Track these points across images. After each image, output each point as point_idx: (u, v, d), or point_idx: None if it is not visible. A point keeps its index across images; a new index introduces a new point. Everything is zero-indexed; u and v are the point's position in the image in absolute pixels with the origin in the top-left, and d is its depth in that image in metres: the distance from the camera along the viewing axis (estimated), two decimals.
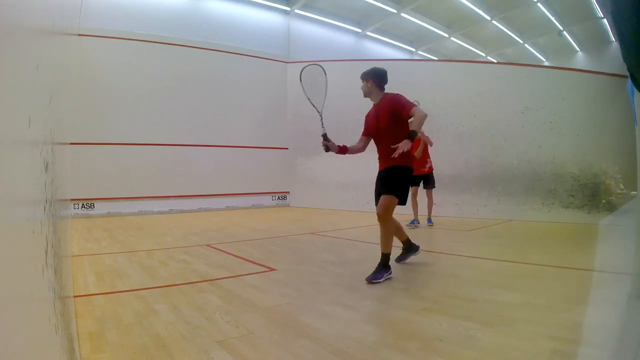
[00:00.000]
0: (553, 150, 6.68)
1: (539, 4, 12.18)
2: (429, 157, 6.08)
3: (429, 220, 6.12)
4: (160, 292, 2.62)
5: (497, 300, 2.35)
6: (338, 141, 3.08)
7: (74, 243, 4.54)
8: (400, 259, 3.47)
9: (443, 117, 7.95)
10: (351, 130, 10.00)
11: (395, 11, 12.45)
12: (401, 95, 2.98)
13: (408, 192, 3.01)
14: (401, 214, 4.00)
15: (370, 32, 13.86)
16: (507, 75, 7.51)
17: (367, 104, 3.23)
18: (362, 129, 3.25)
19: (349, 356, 1.64)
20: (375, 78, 3.06)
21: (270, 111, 10.83)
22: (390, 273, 2.93)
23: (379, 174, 3.11)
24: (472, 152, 7.61)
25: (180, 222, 7.22)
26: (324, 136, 3.03)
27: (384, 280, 2.83)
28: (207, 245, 4.51)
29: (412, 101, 3.00)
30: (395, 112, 2.91)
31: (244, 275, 3.12)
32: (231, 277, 3.04)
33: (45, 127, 0.81)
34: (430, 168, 6.06)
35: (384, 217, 2.90)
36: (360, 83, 3.14)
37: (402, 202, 2.95)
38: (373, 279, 2.81)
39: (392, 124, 2.94)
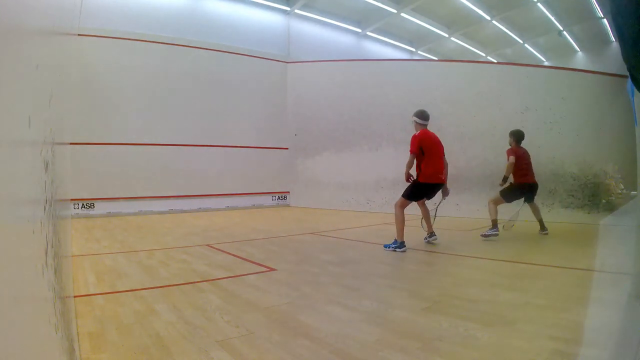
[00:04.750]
0: (553, 150, 6.68)
1: (539, 4, 12.18)
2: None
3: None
4: (160, 292, 2.62)
5: (497, 300, 2.35)
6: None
7: (74, 243, 4.54)
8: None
9: (443, 117, 7.93)
10: (351, 130, 10.09)
11: (395, 11, 12.45)
12: None
13: None
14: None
15: (370, 32, 13.85)
16: (507, 75, 7.52)
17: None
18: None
19: (349, 356, 1.64)
20: None
21: (270, 111, 10.82)
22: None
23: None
24: (472, 152, 7.61)
25: (180, 222, 7.22)
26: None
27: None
28: (207, 245, 4.51)
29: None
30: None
31: (244, 275, 3.12)
32: (231, 277, 3.04)
33: (46, 127, 0.81)
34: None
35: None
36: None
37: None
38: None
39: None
